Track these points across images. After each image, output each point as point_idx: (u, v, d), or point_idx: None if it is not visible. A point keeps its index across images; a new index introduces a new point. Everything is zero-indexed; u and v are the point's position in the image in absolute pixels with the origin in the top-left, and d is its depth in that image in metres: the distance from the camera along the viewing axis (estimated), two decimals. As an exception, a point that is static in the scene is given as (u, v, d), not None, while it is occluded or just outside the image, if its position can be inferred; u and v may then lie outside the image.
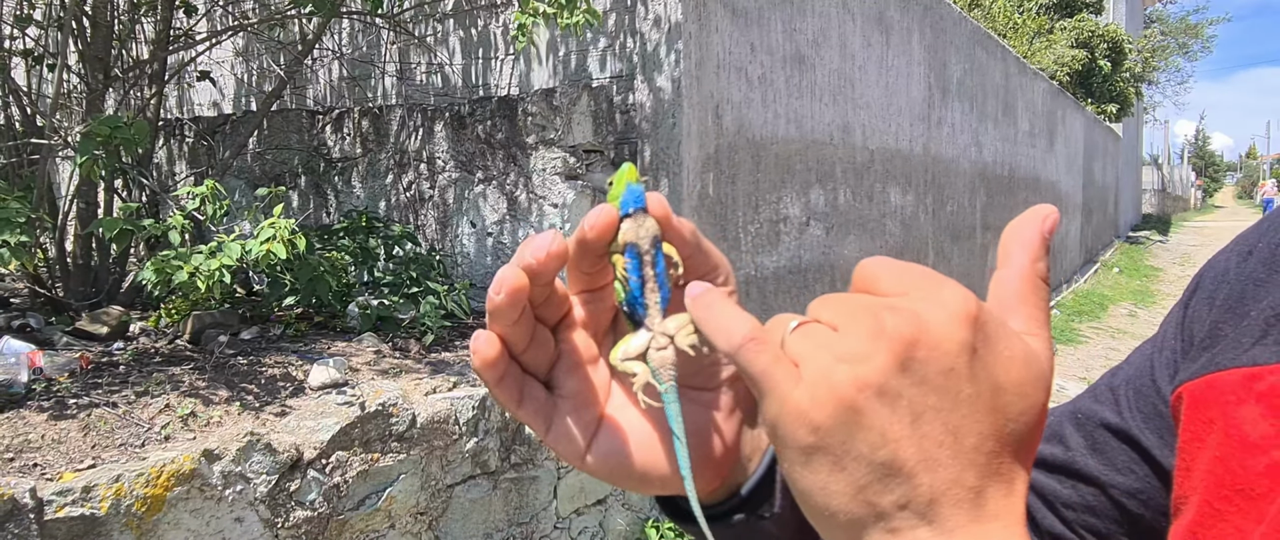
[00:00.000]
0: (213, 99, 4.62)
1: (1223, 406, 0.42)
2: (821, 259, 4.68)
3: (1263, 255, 0.46)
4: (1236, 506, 0.40)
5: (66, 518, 1.61)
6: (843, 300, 0.35)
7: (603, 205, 0.39)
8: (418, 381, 2.52)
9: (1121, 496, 0.52)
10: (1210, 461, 0.42)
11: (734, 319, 0.36)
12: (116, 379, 2.22)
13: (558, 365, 0.43)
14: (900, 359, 0.32)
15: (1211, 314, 0.47)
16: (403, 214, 3.75)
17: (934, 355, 0.33)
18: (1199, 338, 0.47)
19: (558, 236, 0.39)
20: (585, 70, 3.58)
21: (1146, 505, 0.51)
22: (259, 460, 1.95)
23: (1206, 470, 0.42)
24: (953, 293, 0.34)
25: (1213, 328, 0.46)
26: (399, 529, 2.29)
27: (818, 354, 0.34)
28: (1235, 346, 0.44)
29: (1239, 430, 0.41)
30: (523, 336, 0.40)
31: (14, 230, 2.06)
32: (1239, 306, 0.45)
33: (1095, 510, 0.53)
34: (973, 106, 7.43)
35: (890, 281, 0.36)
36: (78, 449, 1.80)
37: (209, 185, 2.40)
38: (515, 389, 0.41)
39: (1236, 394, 0.42)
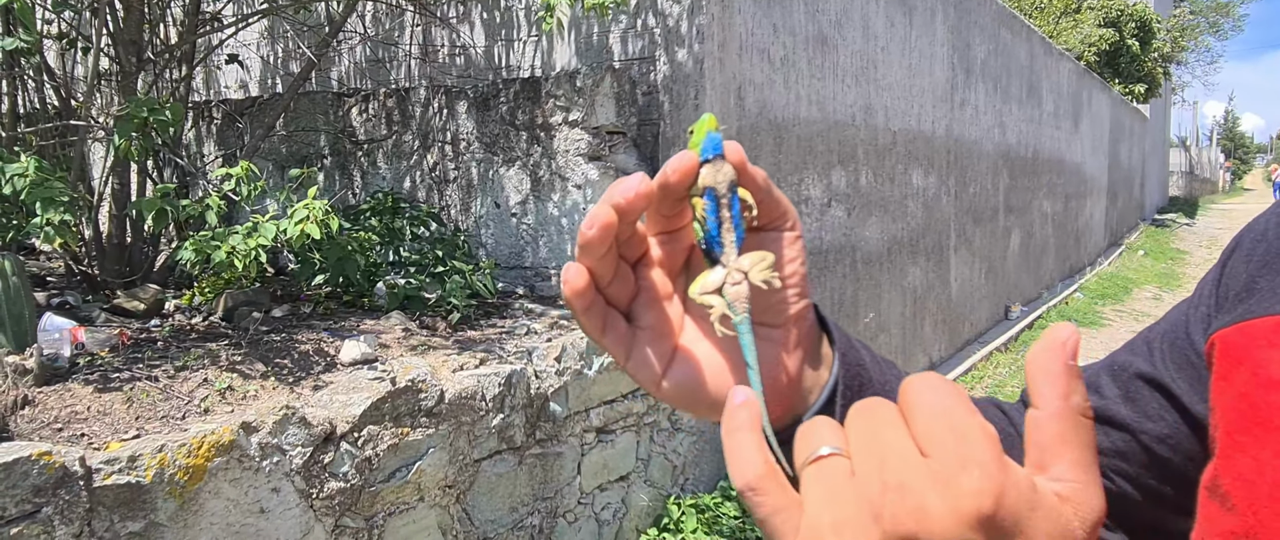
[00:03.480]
0: (241, 81, 4.68)
1: (1251, 349, 0.44)
2: (843, 240, 4.69)
3: None
4: (1255, 437, 0.42)
5: (114, 485, 1.68)
6: (874, 433, 0.34)
7: (684, 151, 0.42)
8: (445, 358, 2.58)
9: (1151, 442, 0.54)
10: (1234, 397, 0.44)
11: (748, 460, 0.35)
12: (155, 354, 2.29)
13: (637, 300, 0.46)
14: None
15: (1248, 269, 0.49)
16: (428, 194, 3.80)
17: None
18: (1234, 292, 0.49)
19: (645, 178, 0.41)
20: (607, 49, 3.60)
21: (1175, 450, 0.53)
22: (294, 433, 2.01)
23: (1230, 405, 0.44)
24: (971, 481, 0.30)
25: (1248, 282, 0.48)
26: (428, 501, 2.35)
27: (815, 512, 0.33)
28: (1270, 296, 0.46)
29: (1265, 369, 0.43)
30: (608, 270, 0.43)
31: (57, 209, 2.12)
32: (1276, 262, 0.47)
33: (1126, 456, 0.55)
34: (996, 88, 7.37)
35: (923, 424, 0.33)
36: (122, 420, 1.87)
37: (243, 166, 2.45)
38: (599, 319, 0.44)
39: (1267, 338, 0.44)
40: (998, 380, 6.24)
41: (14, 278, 2.09)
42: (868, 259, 5.03)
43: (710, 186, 0.42)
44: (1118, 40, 15.29)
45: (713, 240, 0.43)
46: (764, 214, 0.44)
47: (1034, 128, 8.86)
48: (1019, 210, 8.45)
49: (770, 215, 0.45)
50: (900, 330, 5.59)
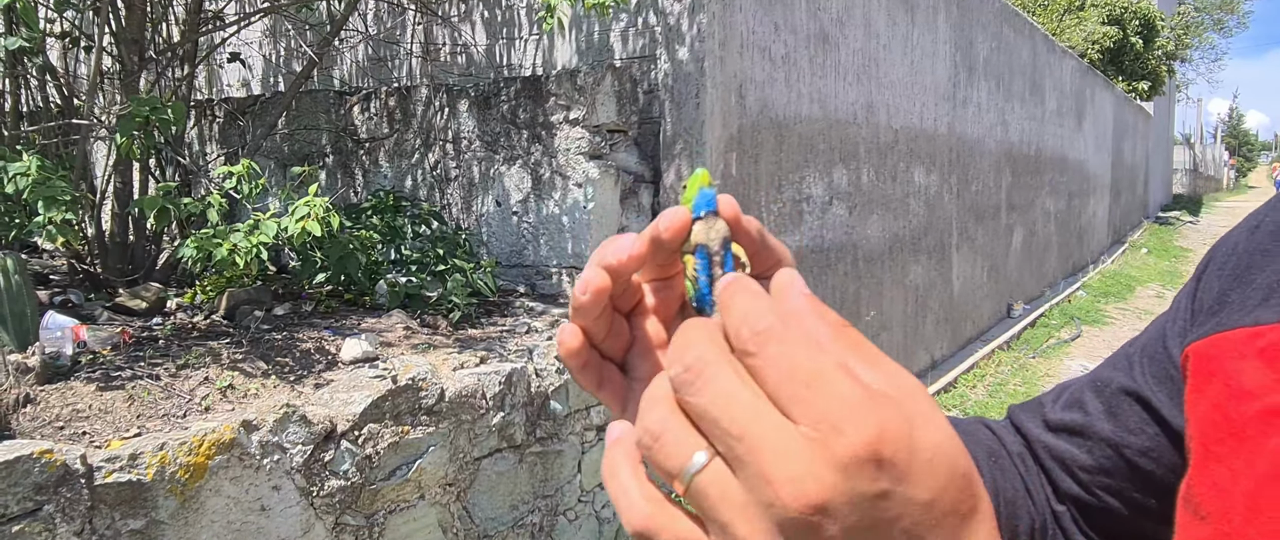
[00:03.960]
0: (243, 79, 4.69)
1: (1223, 361, 0.45)
2: (844, 239, 4.69)
3: (1269, 228, 0.49)
4: (1229, 448, 0.42)
5: (115, 483, 1.69)
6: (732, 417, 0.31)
7: (677, 207, 0.41)
8: (446, 357, 2.58)
9: (1134, 456, 0.55)
10: (1207, 409, 0.45)
11: (632, 504, 0.34)
12: (157, 352, 2.30)
13: (632, 349, 0.46)
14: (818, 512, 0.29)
15: (1220, 283, 0.50)
16: (429, 192, 3.80)
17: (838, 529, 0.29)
18: (1208, 305, 0.50)
19: (637, 239, 0.41)
20: (608, 47, 3.60)
21: (1157, 462, 0.54)
22: (295, 431, 2.02)
23: (1203, 416, 0.45)
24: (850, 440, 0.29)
25: (1220, 295, 0.49)
26: (428, 499, 2.36)
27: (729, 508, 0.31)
28: (1241, 309, 0.47)
29: (1236, 380, 0.43)
30: (602, 328, 0.43)
31: (60, 207, 2.13)
32: (1246, 275, 0.48)
33: (1110, 471, 0.56)
34: (999, 85, 7.36)
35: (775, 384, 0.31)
36: (123, 418, 1.88)
37: (244, 164, 2.46)
38: (595, 374, 0.44)
39: (1238, 350, 0.45)
40: (1000, 378, 6.24)
41: (16, 276, 2.10)
42: (870, 257, 5.03)
43: (702, 244, 0.41)
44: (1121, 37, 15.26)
45: (704, 300, 0.42)
46: (759, 264, 0.44)
47: (1037, 125, 8.85)
48: (1022, 208, 8.44)
49: (766, 264, 0.45)
50: (902, 328, 5.59)
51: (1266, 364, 0.43)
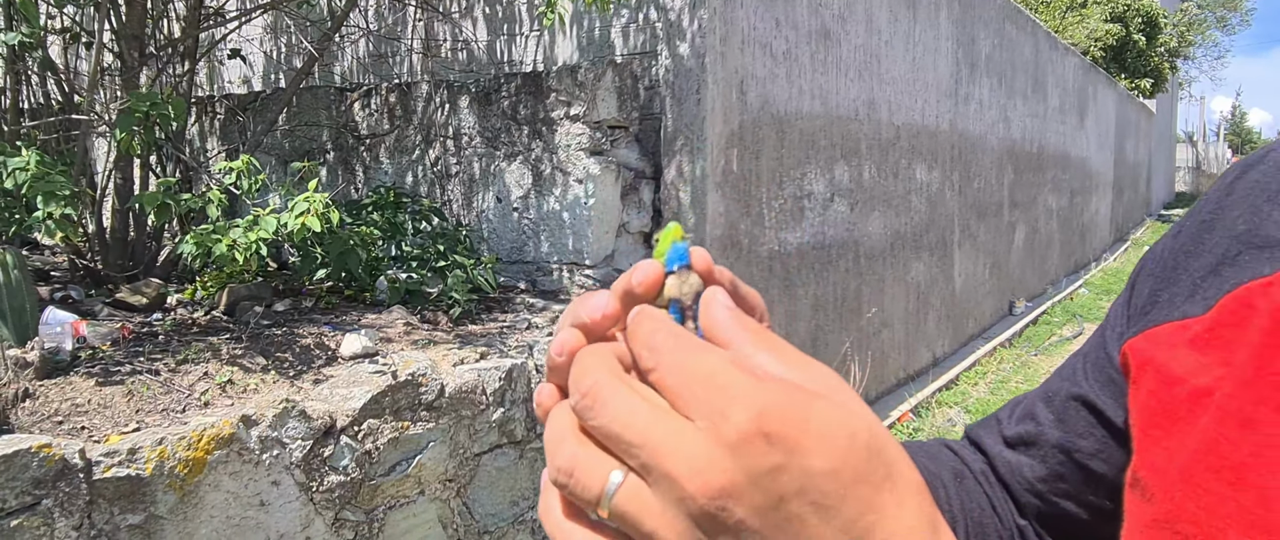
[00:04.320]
0: (243, 76, 4.69)
1: (1156, 353, 0.49)
2: (846, 235, 4.68)
3: (1190, 231, 0.53)
4: (1164, 430, 0.46)
5: (113, 478, 1.69)
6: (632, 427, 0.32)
7: (650, 261, 0.41)
8: (446, 353, 2.58)
9: (1085, 459, 0.57)
10: (1145, 397, 0.48)
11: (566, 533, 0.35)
12: (157, 348, 2.29)
13: None
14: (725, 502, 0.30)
15: (1150, 286, 0.54)
16: (429, 189, 3.80)
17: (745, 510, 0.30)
18: (1140, 307, 0.54)
19: (611, 299, 0.41)
20: (609, 43, 3.60)
21: (1107, 463, 0.56)
22: (294, 426, 2.01)
23: (1141, 404, 0.48)
24: (736, 423, 0.31)
25: (1151, 296, 0.53)
26: (428, 495, 2.35)
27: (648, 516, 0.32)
28: (1169, 306, 0.51)
29: (1168, 368, 0.47)
30: None
31: (59, 202, 2.13)
32: (1172, 275, 0.52)
33: (1064, 477, 0.59)
34: (1001, 82, 7.34)
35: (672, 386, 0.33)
36: (123, 413, 1.88)
37: (244, 160, 2.46)
38: None
39: (1169, 341, 0.48)
40: (1002, 376, 6.23)
41: (15, 271, 2.10)
42: (871, 254, 5.02)
43: (675, 298, 0.41)
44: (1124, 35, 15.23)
45: None
46: None
47: (1039, 123, 8.83)
48: (1024, 205, 8.43)
49: None
50: (903, 325, 5.58)
51: (1195, 351, 0.46)
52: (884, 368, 5.32)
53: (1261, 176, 0.51)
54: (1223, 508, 0.41)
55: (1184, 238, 0.53)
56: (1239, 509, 0.40)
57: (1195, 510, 0.42)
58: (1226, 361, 0.44)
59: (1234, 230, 0.50)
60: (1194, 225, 0.53)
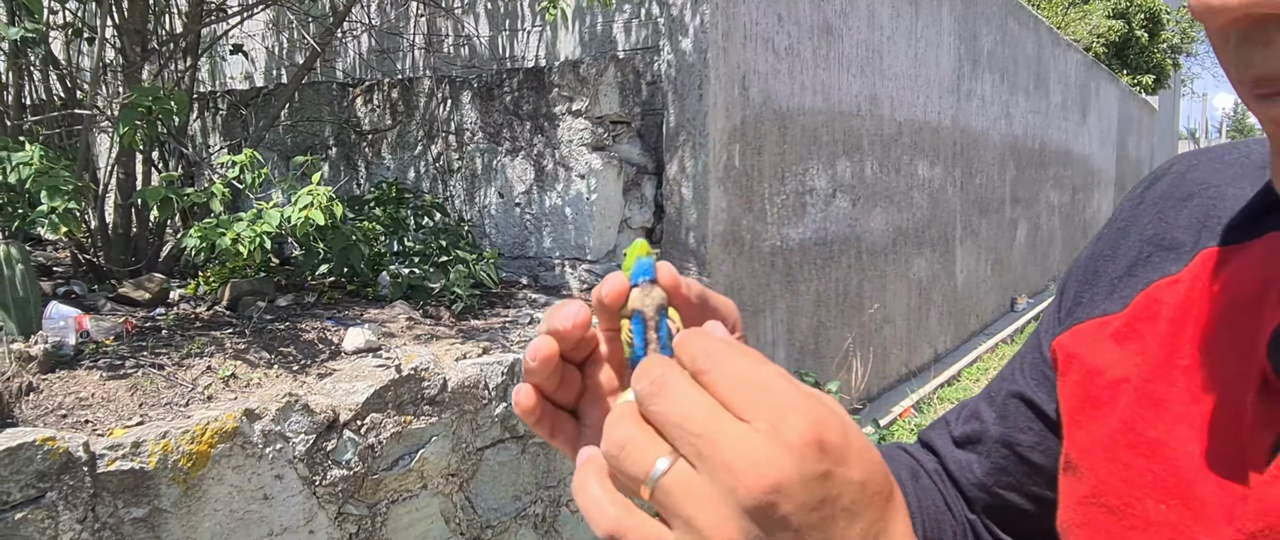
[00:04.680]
0: (245, 71, 4.69)
1: (1080, 347, 0.54)
2: (848, 231, 4.68)
3: (1108, 238, 0.59)
4: (1089, 415, 0.51)
5: (117, 471, 1.69)
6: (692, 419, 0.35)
7: (617, 274, 0.44)
8: (449, 347, 2.58)
9: (1026, 451, 0.61)
10: (1072, 387, 0.53)
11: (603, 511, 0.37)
12: (160, 342, 2.30)
13: (584, 397, 0.49)
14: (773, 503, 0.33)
15: (1076, 289, 0.59)
16: (432, 184, 3.80)
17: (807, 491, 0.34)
18: (1068, 308, 0.59)
19: (583, 308, 0.45)
20: (611, 39, 3.59)
21: (1046, 455, 0.60)
22: (297, 420, 2.02)
23: (1070, 394, 0.53)
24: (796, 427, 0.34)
25: (1076, 297, 0.59)
26: (431, 489, 2.36)
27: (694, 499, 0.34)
28: (1091, 305, 0.56)
29: (1091, 360, 0.52)
30: (554, 383, 0.47)
31: (63, 197, 2.13)
32: (1093, 278, 0.58)
33: (1007, 470, 0.63)
34: (1003, 78, 7.33)
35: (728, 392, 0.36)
36: (126, 407, 1.88)
37: (247, 154, 2.46)
38: (548, 425, 0.48)
39: (1092, 336, 0.53)
40: (1003, 372, 6.23)
41: (19, 264, 2.10)
42: (873, 250, 5.01)
43: (637, 310, 0.44)
44: (1126, 31, 15.20)
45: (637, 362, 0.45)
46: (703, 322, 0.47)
47: (1041, 119, 8.82)
48: (1026, 202, 8.42)
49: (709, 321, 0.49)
50: (905, 321, 5.58)
51: (1115, 344, 0.51)
52: (886, 364, 5.32)
53: (1167, 186, 0.56)
54: (1141, 478, 0.45)
55: (1103, 244, 0.59)
56: (1155, 478, 0.45)
57: (1118, 483, 0.47)
58: (1141, 351, 0.49)
59: (1145, 234, 0.55)
60: (1112, 233, 0.59)
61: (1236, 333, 0.44)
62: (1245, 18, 0.33)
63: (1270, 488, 0.38)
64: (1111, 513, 0.47)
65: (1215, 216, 0.51)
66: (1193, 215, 0.53)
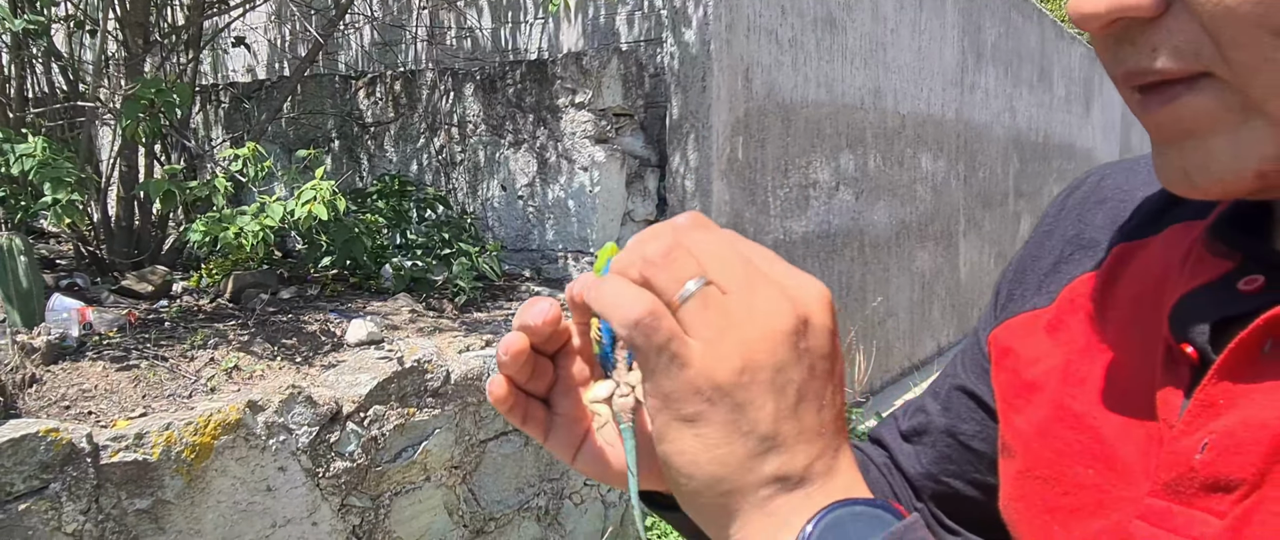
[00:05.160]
0: (247, 64, 4.68)
1: (1012, 340, 0.59)
2: (851, 224, 4.67)
3: (1036, 241, 0.64)
4: (1023, 400, 0.55)
5: (121, 462, 1.69)
6: (727, 261, 0.40)
7: (589, 274, 0.46)
8: (452, 340, 2.58)
9: (968, 439, 0.66)
10: (1007, 375, 0.58)
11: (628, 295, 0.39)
12: (163, 334, 2.30)
13: (555, 388, 0.52)
14: (796, 338, 0.38)
15: (1009, 287, 0.64)
16: (434, 177, 3.79)
17: (818, 337, 0.40)
18: (1002, 304, 0.64)
19: (554, 305, 0.48)
20: (614, 31, 3.58)
21: (987, 442, 0.64)
22: (300, 412, 2.02)
23: (1004, 383, 0.58)
24: (814, 280, 0.40)
25: (1008, 295, 0.64)
26: (434, 481, 2.36)
27: (723, 318, 0.38)
28: (1021, 300, 0.61)
29: (1024, 351, 0.57)
30: (525, 374, 0.50)
31: (65, 189, 2.13)
32: (1022, 277, 0.63)
33: (952, 458, 0.67)
34: (1007, 71, 7.31)
35: (750, 249, 0.41)
36: (129, 399, 1.88)
37: (250, 147, 2.45)
38: (521, 413, 0.51)
39: (1023, 329, 0.58)
40: (1006, 365, 6.22)
41: (22, 256, 2.10)
42: (876, 243, 5.01)
43: None
44: (1131, 24, 15.13)
45: (606, 358, 0.48)
46: None
47: (1045, 112, 8.79)
48: (1029, 195, 8.40)
49: None
50: (908, 315, 5.57)
51: (1047, 336, 0.56)
52: (889, 357, 5.32)
53: (1084, 193, 0.62)
54: (1070, 449, 0.50)
55: (1031, 247, 0.64)
56: (1081, 446, 0.49)
57: (1049, 455, 0.51)
58: (1068, 340, 0.54)
59: (1066, 235, 0.61)
60: (1038, 236, 0.64)
61: (1145, 312, 0.49)
62: (1115, 22, 0.38)
63: (1180, 440, 0.43)
64: (1044, 482, 0.51)
65: (1125, 217, 0.57)
66: (1107, 216, 0.58)
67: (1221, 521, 0.40)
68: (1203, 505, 0.41)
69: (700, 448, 0.39)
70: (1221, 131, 0.38)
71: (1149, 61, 0.38)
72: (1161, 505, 0.43)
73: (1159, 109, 0.40)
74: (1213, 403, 0.42)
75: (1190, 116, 0.39)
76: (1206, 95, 0.38)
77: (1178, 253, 0.50)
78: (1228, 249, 0.46)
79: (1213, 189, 0.40)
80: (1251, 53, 0.35)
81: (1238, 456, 0.40)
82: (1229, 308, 0.44)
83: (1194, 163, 0.40)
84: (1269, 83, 0.36)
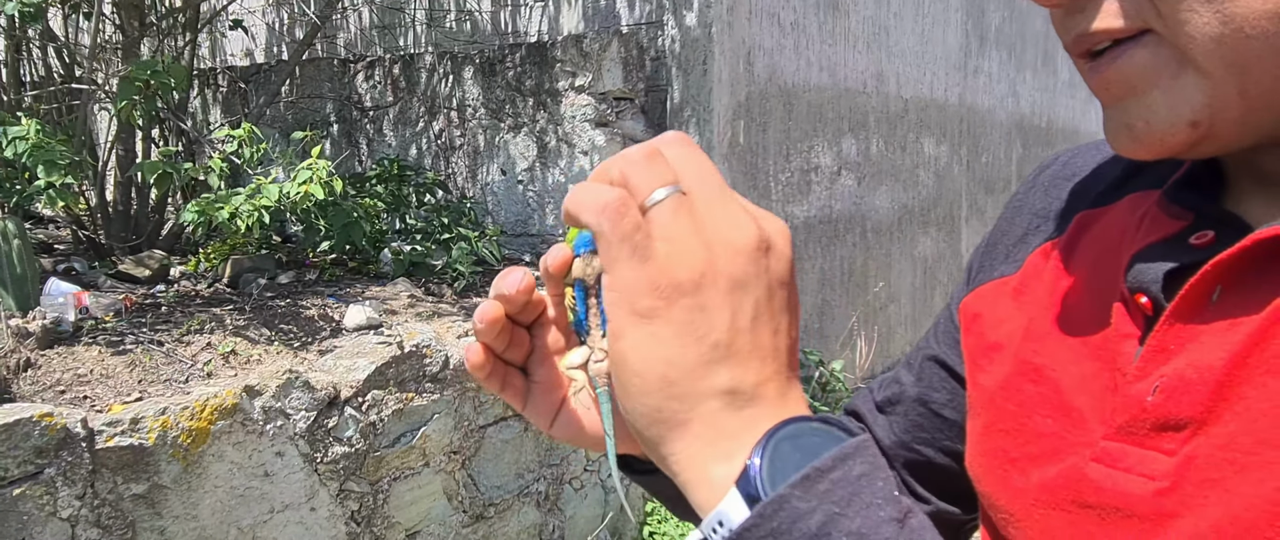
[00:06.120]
0: (245, 47, 4.64)
1: (980, 306, 0.61)
2: (853, 209, 4.64)
3: (1006, 217, 0.66)
4: (988, 359, 0.58)
5: (116, 447, 1.68)
6: (702, 176, 0.41)
7: (561, 245, 0.48)
8: (451, 325, 2.56)
9: (939, 407, 0.68)
10: (975, 338, 0.60)
11: (601, 189, 0.41)
12: (160, 319, 2.28)
13: (532, 357, 0.54)
14: (758, 255, 0.40)
15: (980, 258, 0.67)
16: (433, 161, 3.77)
17: (779, 262, 0.41)
18: (973, 275, 0.67)
19: (527, 275, 0.50)
20: (614, 13, 3.55)
21: (957, 410, 0.66)
22: (298, 397, 2.00)
23: (972, 345, 0.60)
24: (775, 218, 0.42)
25: (978, 267, 0.66)
26: (433, 467, 2.35)
27: (690, 223, 0.39)
28: (990, 270, 0.63)
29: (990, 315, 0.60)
30: (502, 343, 0.52)
31: (60, 172, 2.11)
32: (992, 250, 0.66)
33: (923, 426, 0.69)
34: (1011, 55, 7.26)
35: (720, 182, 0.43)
36: (125, 383, 1.87)
37: (246, 128, 2.43)
38: (498, 381, 0.53)
39: (991, 295, 0.61)
40: (1008, 351, 6.21)
41: (16, 240, 2.08)
42: (878, 228, 4.98)
43: (579, 278, 0.48)
44: (1136, 8, 15.08)
45: (580, 325, 0.49)
46: None
47: (1049, 96, 8.75)
48: (1032, 181, 8.37)
49: None
50: (910, 300, 5.56)
51: (1011, 300, 0.58)
52: (890, 342, 5.30)
53: (1054, 171, 0.65)
54: (1030, 400, 0.52)
55: (1001, 222, 0.67)
56: (1040, 398, 0.52)
57: (1012, 409, 0.53)
58: (1031, 301, 0.57)
59: (1034, 209, 0.64)
60: (1009, 212, 0.67)
61: (1103, 271, 0.52)
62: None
63: (1133, 384, 0.45)
64: (1005, 434, 0.53)
65: (1089, 188, 0.60)
66: (1073, 190, 0.62)
67: (1171, 459, 0.42)
68: (1153, 444, 0.43)
69: (653, 344, 0.39)
70: (1159, 86, 0.42)
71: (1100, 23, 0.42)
72: (1115, 447, 0.45)
73: (1107, 68, 0.43)
74: (1164, 347, 0.44)
75: (1134, 72, 0.42)
76: (1147, 50, 0.41)
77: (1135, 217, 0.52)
78: (1181, 210, 0.49)
79: (1154, 144, 0.43)
80: (1178, 5, 0.39)
81: (1186, 396, 0.42)
82: (1181, 258, 0.46)
83: (1136, 117, 0.43)
84: (1194, 33, 0.39)
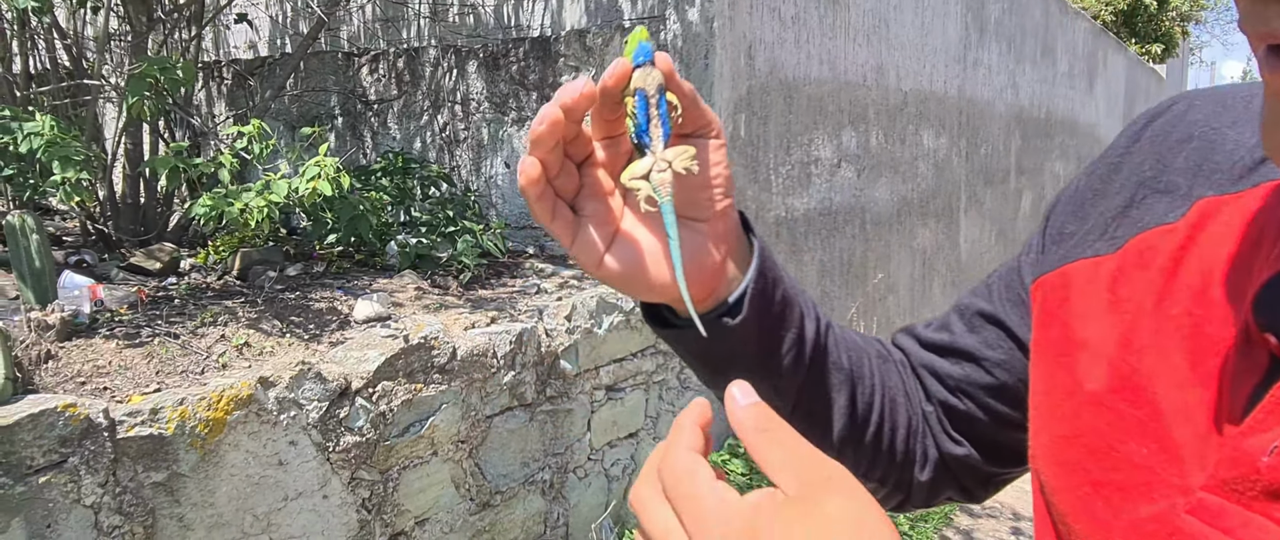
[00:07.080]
0: (250, 41, 4.67)
1: (1068, 287, 0.54)
2: (852, 202, 4.69)
3: (1100, 174, 0.58)
4: (1072, 357, 0.52)
5: (137, 437, 1.72)
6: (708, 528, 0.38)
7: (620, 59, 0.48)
8: (457, 316, 2.61)
9: (992, 367, 0.65)
10: (1058, 330, 0.54)
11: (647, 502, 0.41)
12: (173, 311, 2.33)
13: (582, 193, 0.54)
14: None
15: (1061, 220, 0.59)
16: (438, 154, 3.81)
17: None
18: (1053, 237, 0.60)
19: (588, 81, 0.49)
20: (617, 8, 3.58)
21: (1010, 372, 0.63)
22: (310, 388, 2.05)
23: (1057, 336, 0.54)
24: None
25: (1061, 228, 0.59)
26: (441, 456, 2.40)
27: None
28: (1082, 243, 0.55)
29: (1080, 302, 0.53)
30: (556, 163, 0.51)
31: (73, 167, 2.15)
32: (1082, 212, 0.57)
33: (972, 380, 0.66)
34: (1010, 47, 7.28)
35: None
36: (143, 375, 1.91)
37: (255, 124, 2.47)
38: (549, 205, 0.52)
39: (1084, 277, 0.54)
40: (1006, 342, 6.25)
41: (35, 234, 2.12)
42: (877, 220, 5.02)
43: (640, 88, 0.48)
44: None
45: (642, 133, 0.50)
46: (691, 121, 0.52)
47: (1047, 88, 8.77)
48: (1031, 172, 8.40)
49: (697, 123, 0.53)
50: (909, 291, 5.60)
51: (1106, 290, 0.51)
52: (889, 332, 5.35)
53: (1164, 125, 0.55)
54: (1125, 423, 0.46)
55: (1094, 180, 0.58)
56: (1138, 423, 0.46)
57: (1102, 426, 0.47)
58: (1131, 298, 0.49)
59: (1140, 175, 0.54)
60: (1104, 168, 0.58)
61: (1226, 285, 0.44)
62: None
63: (1244, 438, 0.39)
64: (1090, 452, 0.48)
65: (1212, 161, 0.50)
66: (1190, 158, 0.52)
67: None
68: (1261, 509, 0.38)
69: None
70: None
71: None
72: (1215, 502, 0.40)
73: None
74: None
75: None
76: None
77: (1271, 220, 0.44)
78: None
79: None
80: None
81: None
82: None
83: None
84: None
